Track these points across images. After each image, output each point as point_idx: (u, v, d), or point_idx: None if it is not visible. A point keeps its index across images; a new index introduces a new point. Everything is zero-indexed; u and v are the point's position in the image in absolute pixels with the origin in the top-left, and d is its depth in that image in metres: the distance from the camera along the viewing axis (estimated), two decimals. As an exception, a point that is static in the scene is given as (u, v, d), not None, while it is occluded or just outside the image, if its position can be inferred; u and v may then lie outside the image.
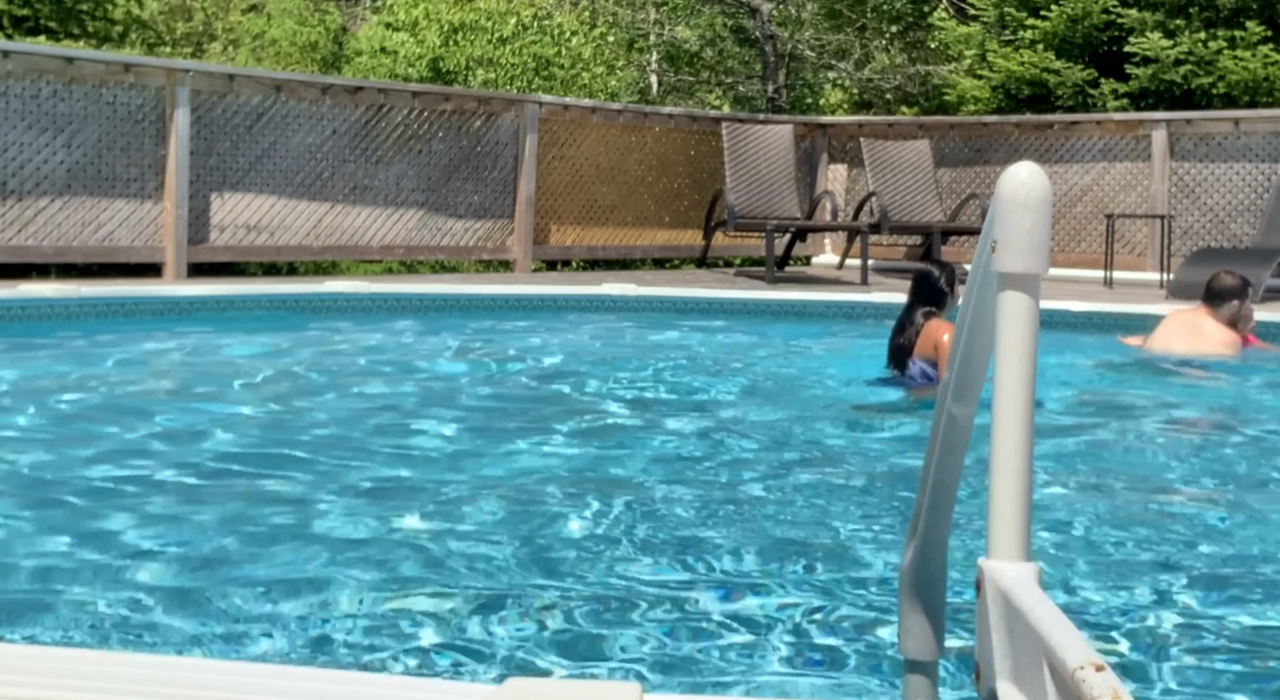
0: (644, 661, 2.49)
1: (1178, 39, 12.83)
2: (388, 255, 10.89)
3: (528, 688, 1.78)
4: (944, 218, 11.84)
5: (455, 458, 4.36)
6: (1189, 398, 6.00)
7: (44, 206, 8.90)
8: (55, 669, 1.82)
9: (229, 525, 3.40)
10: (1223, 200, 11.46)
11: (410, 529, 3.40)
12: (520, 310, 8.62)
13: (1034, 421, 1.64)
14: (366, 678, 2.11)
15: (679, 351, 7.31)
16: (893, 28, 19.13)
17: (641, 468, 4.26)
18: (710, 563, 3.12)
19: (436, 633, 2.60)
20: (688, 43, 20.40)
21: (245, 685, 1.79)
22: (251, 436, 4.62)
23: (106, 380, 5.70)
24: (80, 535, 3.27)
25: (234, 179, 9.75)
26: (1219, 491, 4.17)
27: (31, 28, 12.03)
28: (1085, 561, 3.20)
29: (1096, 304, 8.69)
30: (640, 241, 12.25)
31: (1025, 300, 1.60)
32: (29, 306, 7.30)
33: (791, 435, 4.93)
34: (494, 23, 15.49)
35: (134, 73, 9.29)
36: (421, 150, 10.77)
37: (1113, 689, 1.27)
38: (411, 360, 6.69)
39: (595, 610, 2.75)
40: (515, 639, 2.58)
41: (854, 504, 3.82)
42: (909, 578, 1.81)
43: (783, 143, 11.82)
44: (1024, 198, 1.60)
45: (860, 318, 8.56)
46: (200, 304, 7.86)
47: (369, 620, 2.67)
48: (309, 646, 2.54)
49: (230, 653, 2.49)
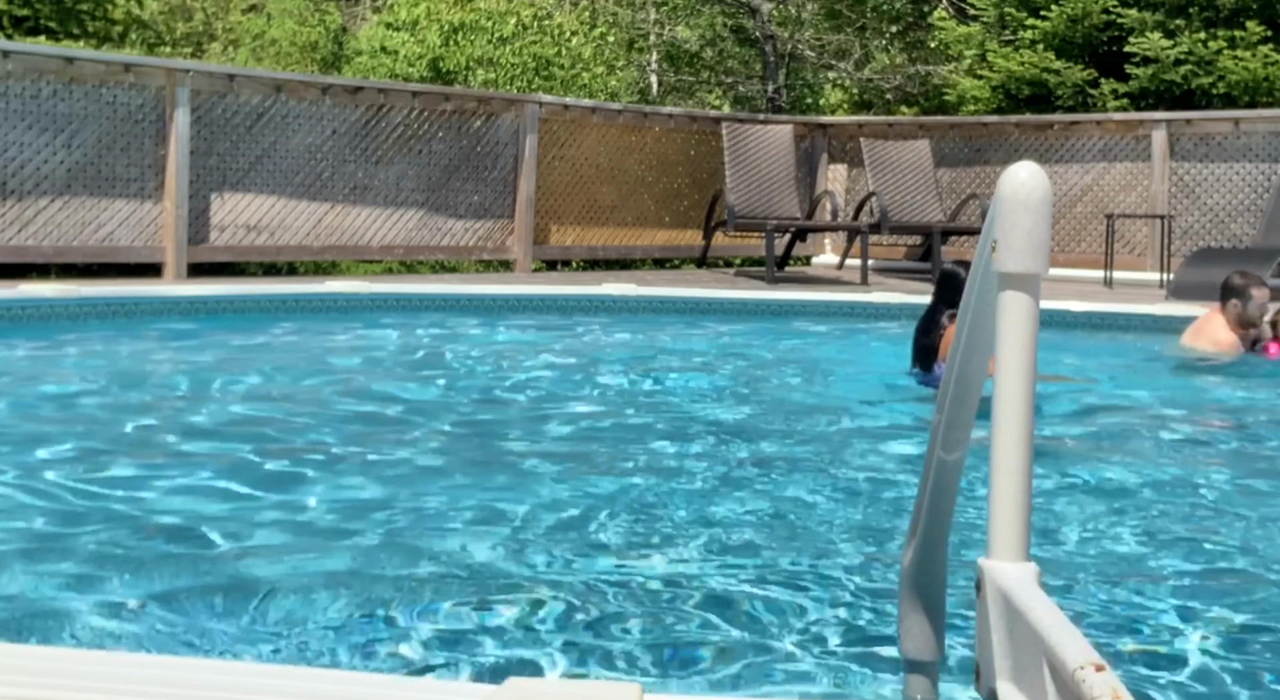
0: (644, 661, 2.49)
1: (1178, 39, 12.83)
2: (388, 255, 10.89)
3: (528, 687, 1.78)
4: (944, 218, 11.84)
5: (454, 458, 4.36)
6: (1123, 396, 5.98)
7: (44, 206, 8.90)
8: (55, 669, 1.82)
9: (229, 525, 3.39)
10: (1223, 200, 11.46)
11: (411, 529, 3.40)
12: (520, 310, 8.61)
13: (1034, 421, 1.64)
14: (366, 678, 2.11)
15: (704, 351, 7.30)
16: (893, 28, 19.12)
17: (647, 466, 4.25)
18: (711, 563, 3.12)
19: (437, 633, 2.60)
20: (688, 43, 20.39)
21: (245, 685, 1.79)
22: (251, 437, 4.62)
23: (106, 380, 5.69)
24: (80, 535, 3.27)
25: (234, 179, 9.75)
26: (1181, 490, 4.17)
27: (31, 28, 12.03)
28: (1085, 561, 3.20)
29: (1096, 304, 8.69)
30: (640, 241, 12.25)
31: (1025, 300, 1.60)
32: (29, 306, 7.30)
33: (813, 433, 4.93)
34: (494, 23, 15.49)
35: (134, 73, 9.29)
36: (421, 150, 10.77)
37: (1113, 689, 1.27)
38: (415, 360, 6.69)
39: (596, 610, 2.75)
40: (516, 639, 2.58)
41: (872, 503, 3.82)
42: (909, 578, 1.81)
43: (783, 143, 11.82)
44: (1024, 198, 1.60)
45: (860, 318, 8.57)
46: (200, 304, 7.86)
47: (369, 620, 2.67)
48: (309, 647, 2.54)
49: (230, 653, 2.49)
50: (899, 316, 8.47)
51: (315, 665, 2.42)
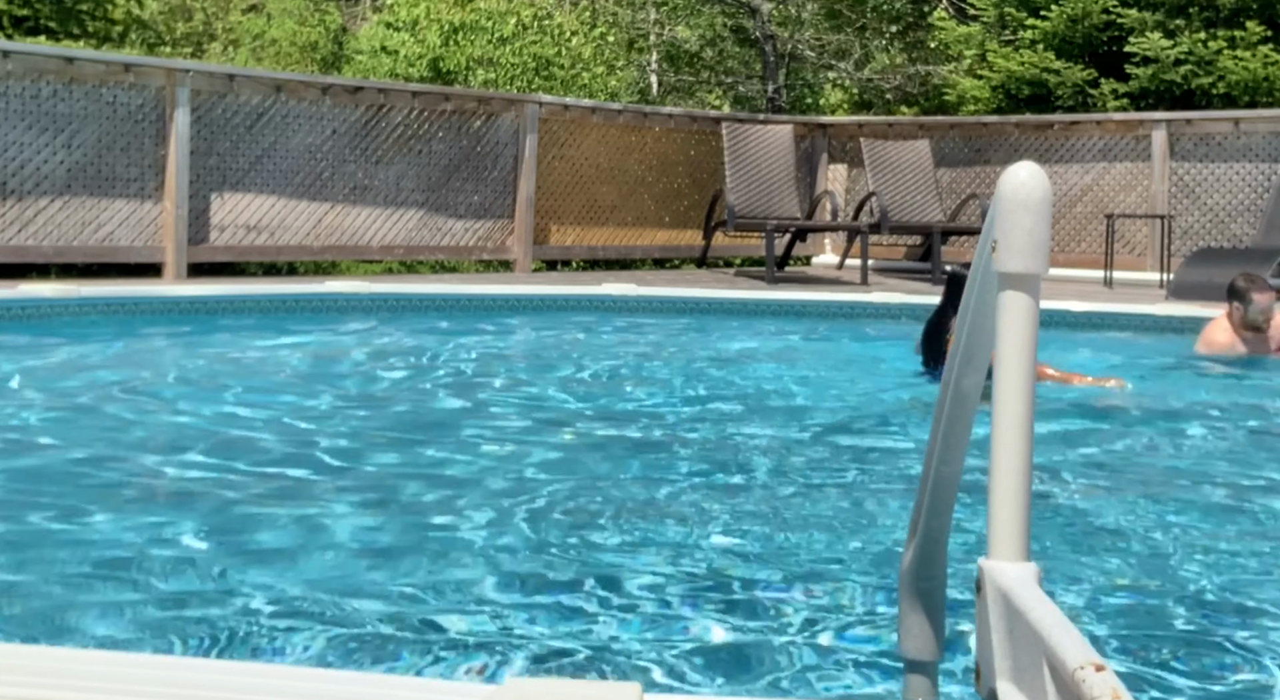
0: (644, 661, 2.48)
1: (1178, 39, 12.83)
2: (388, 255, 10.89)
3: (528, 687, 1.78)
4: (944, 218, 11.84)
5: (456, 458, 4.36)
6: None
7: (44, 206, 8.90)
8: (55, 669, 1.82)
9: (228, 525, 3.39)
10: (1223, 200, 11.46)
11: (412, 528, 3.40)
12: (520, 310, 8.61)
13: (1034, 421, 1.64)
14: (366, 678, 2.11)
15: (731, 351, 7.31)
16: (893, 28, 19.12)
17: (647, 466, 4.25)
18: (714, 561, 3.12)
19: (437, 633, 2.60)
20: (688, 43, 20.39)
21: (245, 685, 1.79)
22: (251, 436, 4.62)
23: (105, 379, 5.69)
24: (78, 534, 3.27)
25: (234, 179, 9.75)
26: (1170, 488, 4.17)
27: (31, 28, 12.03)
28: (1085, 560, 3.20)
29: (1096, 304, 8.69)
30: (640, 241, 12.25)
31: (1025, 300, 1.60)
32: (29, 306, 7.30)
33: (814, 433, 4.93)
34: (494, 23, 15.49)
35: (134, 73, 9.29)
36: (421, 150, 10.77)
37: (1113, 689, 1.27)
38: (418, 359, 6.69)
39: (597, 609, 2.75)
40: (516, 639, 2.58)
41: (875, 502, 3.82)
42: (909, 578, 1.81)
43: (783, 143, 11.82)
44: (1024, 198, 1.60)
45: (860, 318, 8.56)
46: (200, 304, 7.86)
47: (369, 620, 2.66)
48: (309, 647, 2.54)
49: (230, 653, 2.49)
50: (899, 316, 8.47)
51: (315, 665, 2.42)
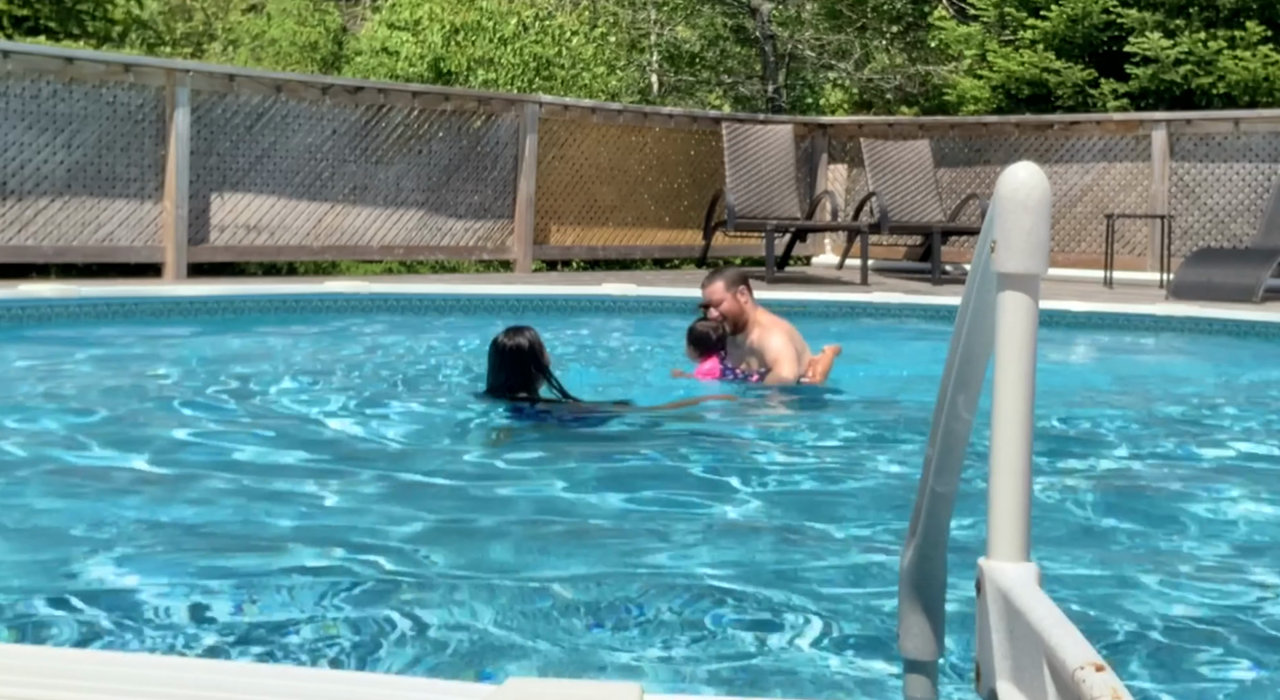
0: (644, 661, 2.48)
1: (1178, 39, 12.83)
2: (388, 255, 10.89)
3: (528, 687, 1.78)
4: (944, 218, 11.84)
5: (456, 456, 4.36)
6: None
7: (44, 206, 8.90)
8: (55, 669, 1.82)
9: (227, 525, 3.39)
10: (1223, 200, 11.46)
11: (412, 528, 3.40)
12: (520, 310, 8.61)
13: (1033, 421, 1.64)
14: (366, 678, 2.11)
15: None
16: (893, 28, 19.14)
17: (647, 465, 4.25)
18: (711, 563, 3.12)
19: (437, 633, 2.60)
20: (688, 43, 20.40)
21: (245, 685, 1.79)
22: (251, 436, 4.62)
23: (105, 380, 5.69)
24: (77, 534, 3.27)
25: (234, 179, 9.76)
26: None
27: (31, 28, 12.03)
28: (1085, 559, 3.20)
29: (1096, 304, 8.70)
30: (640, 241, 12.25)
31: (1025, 300, 1.60)
32: (29, 306, 7.30)
33: (815, 432, 4.93)
34: (495, 23, 15.49)
35: (134, 73, 9.29)
36: (421, 150, 10.77)
37: (1113, 689, 1.27)
38: (419, 359, 6.69)
39: (597, 609, 2.75)
40: (516, 638, 2.58)
41: (878, 499, 3.82)
42: (909, 577, 1.81)
43: (783, 143, 11.82)
44: (1024, 198, 1.60)
45: (860, 318, 8.56)
46: (200, 304, 7.86)
47: (369, 620, 2.66)
48: (308, 646, 2.54)
49: (230, 652, 2.49)
50: (899, 316, 8.47)
51: (315, 665, 2.42)
